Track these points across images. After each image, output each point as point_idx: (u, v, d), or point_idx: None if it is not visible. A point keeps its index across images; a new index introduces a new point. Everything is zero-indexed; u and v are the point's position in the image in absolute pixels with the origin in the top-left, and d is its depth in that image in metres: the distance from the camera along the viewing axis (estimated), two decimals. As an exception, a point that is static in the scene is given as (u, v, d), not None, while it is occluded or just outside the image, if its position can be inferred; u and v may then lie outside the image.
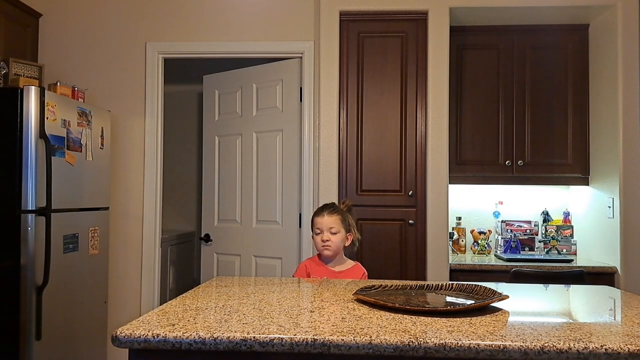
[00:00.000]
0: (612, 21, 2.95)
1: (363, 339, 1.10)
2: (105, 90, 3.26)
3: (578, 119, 3.22)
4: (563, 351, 1.06)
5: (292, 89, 3.24)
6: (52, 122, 2.60)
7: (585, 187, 3.24)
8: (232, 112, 3.51)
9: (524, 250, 3.26)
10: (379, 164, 2.99)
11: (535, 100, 3.23)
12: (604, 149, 3.04)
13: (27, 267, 2.48)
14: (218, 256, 3.55)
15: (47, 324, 2.55)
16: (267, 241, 3.31)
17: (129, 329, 1.16)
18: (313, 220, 2.20)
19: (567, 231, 3.32)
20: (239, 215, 3.44)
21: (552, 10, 3.02)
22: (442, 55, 2.96)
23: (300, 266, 2.23)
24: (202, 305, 1.42)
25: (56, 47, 3.27)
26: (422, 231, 2.94)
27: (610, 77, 2.97)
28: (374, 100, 3.00)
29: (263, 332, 1.13)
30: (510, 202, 3.47)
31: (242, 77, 3.47)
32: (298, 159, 3.19)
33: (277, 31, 3.21)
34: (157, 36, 3.25)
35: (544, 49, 3.24)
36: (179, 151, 4.66)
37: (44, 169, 2.51)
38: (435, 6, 2.97)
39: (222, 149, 3.56)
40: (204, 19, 3.24)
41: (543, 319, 1.33)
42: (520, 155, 3.21)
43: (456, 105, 3.22)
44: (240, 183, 3.45)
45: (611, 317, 1.40)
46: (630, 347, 1.06)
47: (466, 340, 1.09)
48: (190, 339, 1.12)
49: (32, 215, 2.49)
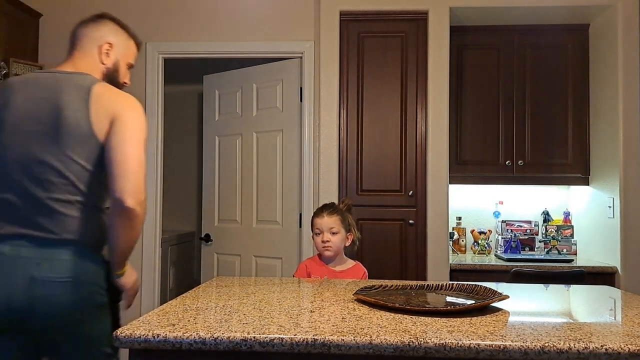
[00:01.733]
0: (612, 21, 2.95)
1: (363, 339, 1.10)
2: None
3: (578, 119, 3.22)
4: (563, 351, 1.06)
5: (292, 89, 3.24)
6: (52, 122, 2.59)
7: (585, 187, 3.24)
8: (232, 112, 3.51)
9: (524, 250, 3.26)
10: (379, 164, 2.99)
11: (535, 100, 3.23)
12: (604, 149, 3.04)
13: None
14: (218, 256, 3.55)
15: (47, 324, 2.54)
16: (268, 241, 3.31)
17: (129, 329, 1.16)
18: (313, 221, 2.20)
19: (567, 231, 3.32)
20: (239, 215, 3.45)
21: (552, 10, 3.02)
22: (442, 55, 2.96)
23: (300, 266, 2.23)
24: (202, 305, 1.42)
25: (56, 47, 3.25)
26: (422, 231, 2.94)
27: (611, 77, 2.97)
28: (374, 100, 3.00)
29: (263, 332, 1.13)
30: (510, 202, 3.47)
31: (242, 77, 3.47)
32: (298, 159, 3.19)
33: (277, 31, 3.21)
34: (157, 36, 3.25)
35: (544, 49, 3.24)
36: (179, 151, 4.66)
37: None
38: (435, 6, 2.97)
39: (222, 149, 3.56)
40: (204, 19, 3.24)
41: (543, 319, 1.33)
42: (520, 155, 3.21)
43: (456, 105, 3.22)
44: (240, 183, 3.45)
45: (611, 317, 1.40)
46: (630, 347, 1.06)
47: (466, 340, 1.09)
48: (191, 339, 1.12)
49: (32, 215, 2.48)
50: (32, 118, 1.46)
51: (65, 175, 1.45)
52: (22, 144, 1.46)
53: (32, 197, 1.44)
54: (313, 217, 2.21)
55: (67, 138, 1.45)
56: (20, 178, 1.45)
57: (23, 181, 1.45)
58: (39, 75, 1.55)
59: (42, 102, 1.47)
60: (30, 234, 1.43)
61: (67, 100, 1.46)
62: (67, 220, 1.45)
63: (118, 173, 1.42)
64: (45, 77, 1.53)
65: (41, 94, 1.48)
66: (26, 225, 1.43)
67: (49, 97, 1.47)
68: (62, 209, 1.45)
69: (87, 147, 1.46)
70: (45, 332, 1.42)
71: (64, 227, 1.45)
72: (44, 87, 1.49)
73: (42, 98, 1.47)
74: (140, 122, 1.52)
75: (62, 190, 1.45)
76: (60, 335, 1.43)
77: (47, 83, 1.50)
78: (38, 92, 1.49)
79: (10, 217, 1.45)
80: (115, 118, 1.47)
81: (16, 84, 1.53)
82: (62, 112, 1.45)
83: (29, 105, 1.47)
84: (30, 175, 1.44)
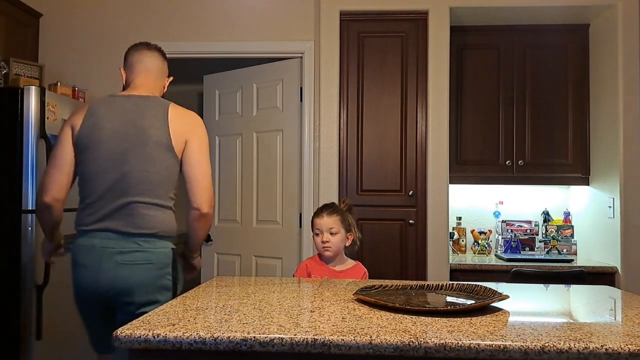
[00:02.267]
0: (613, 21, 2.95)
1: (363, 339, 1.10)
2: (106, 90, 3.24)
3: (578, 119, 3.22)
4: (563, 351, 1.06)
5: (292, 89, 3.24)
6: (53, 122, 2.60)
7: (585, 187, 3.24)
8: (232, 112, 3.51)
9: (524, 250, 3.26)
10: (379, 163, 2.99)
11: (536, 100, 3.23)
12: (604, 149, 3.04)
13: (28, 267, 2.49)
14: (218, 256, 3.55)
15: (48, 323, 2.55)
16: (268, 241, 3.31)
17: (129, 328, 1.17)
18: (313, 221, 2.20)
19: (568, 231, 3.32)
20: (239, 215, 3.45)
21: (552, 10, 3.02)
22: (442, 55, 2.96)
23: (300, 266, 2.23)
24: (202, 305, 1.42)
25: (56, 47, 3.26)
26: (422, 231, 2.94)
27: (611, 77, 2.97)
28: (374, 100, 3.00)
29: (263, 332, 1.13)
30: (510, 202, 3.47)
31: (242, 77, 3.47)
32: (298, 159, 3.19)
33: (278, 31, 3.21)
34: (157, 36, 3.24)
35: (544, 49, 3.24)
36: (179, 151, 4.65)
37: (44, 168, 2.50)
38: (435, 6, 2.97)
39: (222, 149, 3.56)
40: (204, 19, 3.24)
41: (543, 319, 1.33)
42: (520, 155, 3.21)
43: (456, 105, 3.22)
44: (240, 183, 3.45)
45: (611, 317, 1.40)
46: (630, 347, 1.06)
47: (466, 340, 1.09)
48: (191, 339, 1.12)
49: (33, 215, 2.49)
50: (121, 136, 1.80)
51: (147, 182, 1.79)
52: (114, 158, 1.79)
53: (118, 200, 1.78)
54: (313, 217, 2.21)
55: (150, 152, 1.79)
56: (110, 185, 1.78)
57: (113, 188, 1.78)
58: (119, 100, 1.87)
59: (129, 123, 1.81)
60: (116, 228, 1.77)
61: (150, 120, 1.81)
62: (146, 218, 1.79)
63: (196, 190, 1.85)
64: (125, 101, 1.86)
65: (126, 116, 1.82)
66: (112, 222, 1.78)
67: (134, 118, 1.81)
68: (142, 210, 1.79)
69: (166, 159, 1.82)
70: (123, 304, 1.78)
71: (143, 223, 1.78)
72: (127, 109, 1.83)
73: (129, 120, 1.81)
74: (206, 135, 1.91)
75: (143, 195, 1.79)
76: (132, 306, 1.77)
77: (129, 106, 1.84)
78: (123, 115, 1.82)
79: (101, 216, 1.79)
80: (188, 135, 1.84)
81: (101, 109, 1.84)
82: (147, 131, 1.80)
83: (117, 126, 1.81)
84: (119, 183, 1.78)
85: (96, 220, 1.80)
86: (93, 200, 1.81)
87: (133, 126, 1.80)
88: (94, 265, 1.77)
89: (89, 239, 1.80)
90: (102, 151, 1.80)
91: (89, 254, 1.78)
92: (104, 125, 1.81)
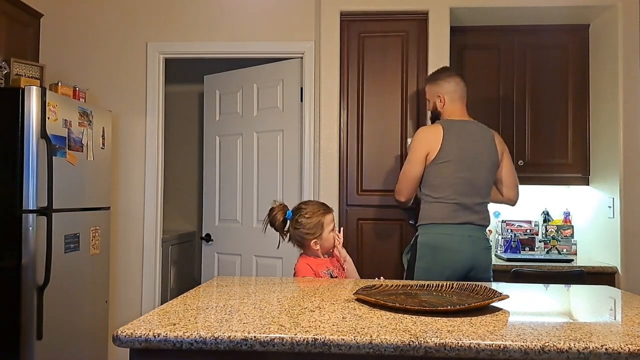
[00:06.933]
0: (613, 21, 2.95)
1: (363, 339, 1.10)
2: (107, 90, 3.27)
3: (578, 119, 3.22)
4: (563, 351, 1.06)
5: (292, 89, 3.24)
6: (53, 122, 2.60)
7: (585, 187, 3.24)
8: (232, 112, 3.51)
9: (524, 250, 3.26)
10: (380, 163, 2.99)
11: (536, 100, 3.23)
12: (604, 149, 3.04)
13: (28, 266, 2.49)
14: (219, 256, 3.55)
15: (48, 323, 2.55)
16: (268, 241, 3.30)
17: (130, 328, 1.17)
18: (326, 219, 2.14)
19: (568, 231, 3.32)
20: (240, 215, 3.45)
21: (553, 10, 3.02)
22: (442, 56, 2.96)
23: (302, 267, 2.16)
24: (202, 305, 1.42)
25: (57, 47, 3.27)
26: (422, 231, 2.94)
27: (611, 77, 2.97)
28: (374, 100, 3.01)
29: (264, 332, 1.14)
30: (510, 202, 3.47)
31: (242, 77, 3.47)
32: (299, 159, 3.19)
33: (278, 31, 3.21)
34: (158, 36, 3.25)
35: (544, 49, 3.24)
36: (179, 151, 4.66)
37: (45, 168, 2.51)
38: (435, 6, 2.97)
39: (222, 149, 3.56)
40: (205, 19, 3.24)
41: (543, 318, 1.33)
42: (520, 155, 3.21)
43: (456, 105, 3.21)
44: (241, 183, 3.45)
45: (611, 317, 1.40)
46: (630, 347, 1.07)
47: (466, 340, 1.09)
48: (191, 339, 1.12)
49: (33, 215, 2.49)
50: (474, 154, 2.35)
51: (485, 187, 2.39)
52: (467, 170, 2.33)
53: (472, 200, 2.34)
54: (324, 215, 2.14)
55: (489, 166, 2.39)
56: (467, 191, 2.33)
57: (469, 192, 2.33)
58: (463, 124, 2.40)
59: (476, 143, 2.37)
60: (473, 222, 2.34)
61: (488, 142, 2.40)
62: (483, 214, 2.39)
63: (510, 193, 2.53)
64: (465, 125, 2.40)
65: (472, 137, 2.37)
66: (471, 217, 2.34)
67: (479, 140, 2.38)
68: (481, 208, 2.38)
69: (495, 171, 2.43)
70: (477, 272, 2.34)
71: (484, 218, 2.38)
72: (472, 132, 2.39)
73: (475, 141, 2.37)
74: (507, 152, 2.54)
75: (483, 197, 2.38)
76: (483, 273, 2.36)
77: (473, 130, 2.40)
78: (470, 137, 2.37)
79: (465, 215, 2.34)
80: (502, 154, 2.46)
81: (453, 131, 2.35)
82: (488, 150, 2.39)
83: (469, 145, 2.36)
84: (472, 190, 2.34)
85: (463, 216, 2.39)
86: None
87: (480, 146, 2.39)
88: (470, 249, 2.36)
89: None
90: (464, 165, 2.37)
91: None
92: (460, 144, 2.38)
